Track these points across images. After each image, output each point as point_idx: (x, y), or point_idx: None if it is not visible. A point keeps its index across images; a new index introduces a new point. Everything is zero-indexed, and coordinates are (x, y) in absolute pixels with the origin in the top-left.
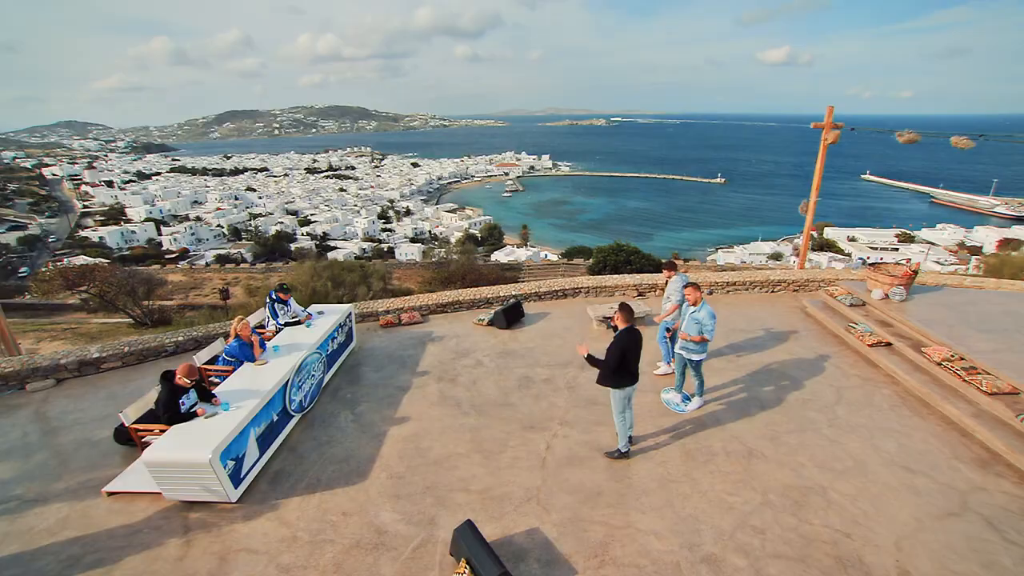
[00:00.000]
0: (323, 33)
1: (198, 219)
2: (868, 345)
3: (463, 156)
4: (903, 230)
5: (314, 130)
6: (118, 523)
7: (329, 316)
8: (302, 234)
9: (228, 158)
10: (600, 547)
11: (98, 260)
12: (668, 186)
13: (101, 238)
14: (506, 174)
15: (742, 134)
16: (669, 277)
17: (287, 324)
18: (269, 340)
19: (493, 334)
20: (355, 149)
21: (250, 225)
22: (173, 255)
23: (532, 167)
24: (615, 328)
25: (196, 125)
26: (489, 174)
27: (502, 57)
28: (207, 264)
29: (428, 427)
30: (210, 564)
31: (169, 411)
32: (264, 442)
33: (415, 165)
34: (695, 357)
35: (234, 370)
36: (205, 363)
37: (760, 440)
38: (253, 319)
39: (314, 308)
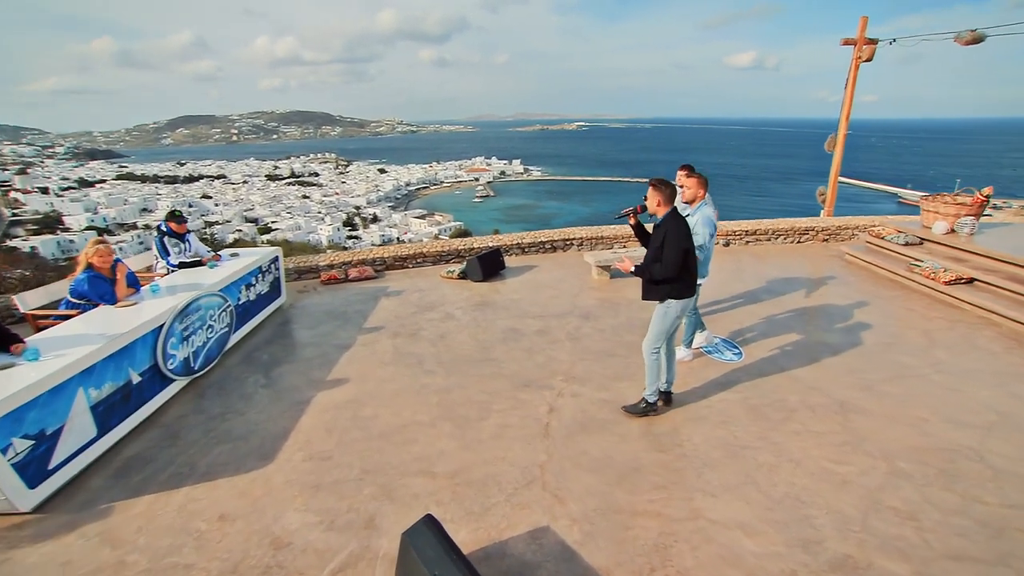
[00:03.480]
0: (282, 36)
1: (147, 227)
2: (945, 283)
3: (432, 162)
4: None
5: (275, 136)
6: None
7: (245, 258)
8: (262, 242)
9: (182, 164)
10: (657, 553)
11: None
12: (641, 189)
13: (33, 248)
14: (476, 179)
15: (712, 137)
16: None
17: (182, 265)
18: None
19: (466, 287)
20: (319, 155)
21: (206, 233)
22: None
23: (503, 172)
24: (634, 226)
25: (147, 130)
26: (459, 179)
27: (469, 61)
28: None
29: (374, 390)
30: None
31: None
32: (111, 414)
33: (382, 171)
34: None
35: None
36: (39, 307)
37: (849, 391)
38: (136, 263)
39: (227, 251)
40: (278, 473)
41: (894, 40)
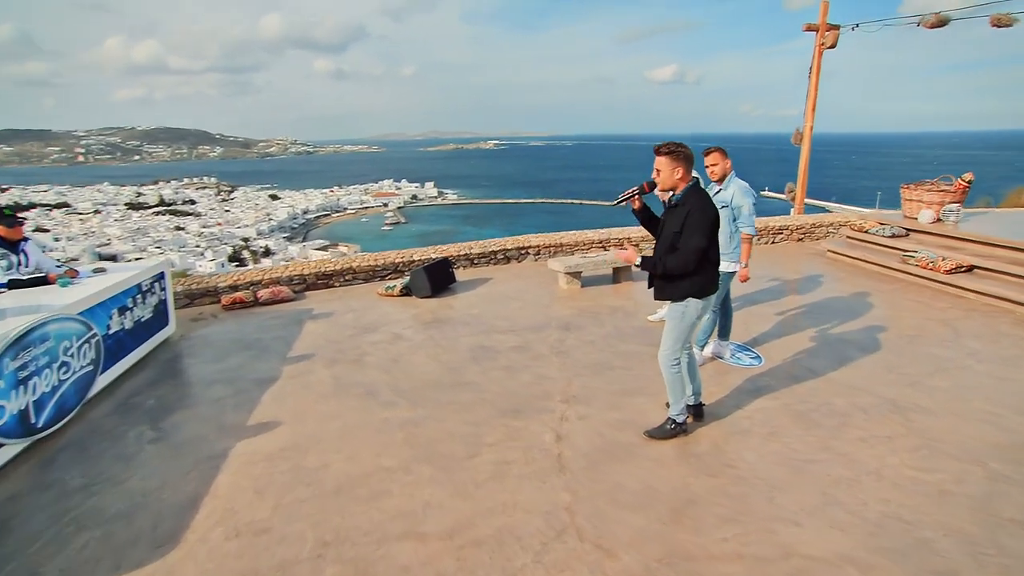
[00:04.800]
0: (141, 38)
1: None
2: (945, 272)
3: (333, 186)
4: None
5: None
6: None
7: (117, 274)
8: None
9: (4, 190)
10: None
11: None
12: (567, 211)
13: None
14: (385, 205)
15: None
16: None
17: (15, 285)
18: None
19: (412, 304)
20: (196, 179)
21: (38, 274)
22: None
23: (415, 196)
24: (639, 212)
25: None
26: (365, 205)
27: (371, 74)
28: None
29: (317, 432)
30: None
31: None
32: None
33: (274, 197)
34: (726, 268)
35: None
36: None
37: (895, 388)
38: None
39: (88, 267)
40: (187, 563)
41: (857, 25)
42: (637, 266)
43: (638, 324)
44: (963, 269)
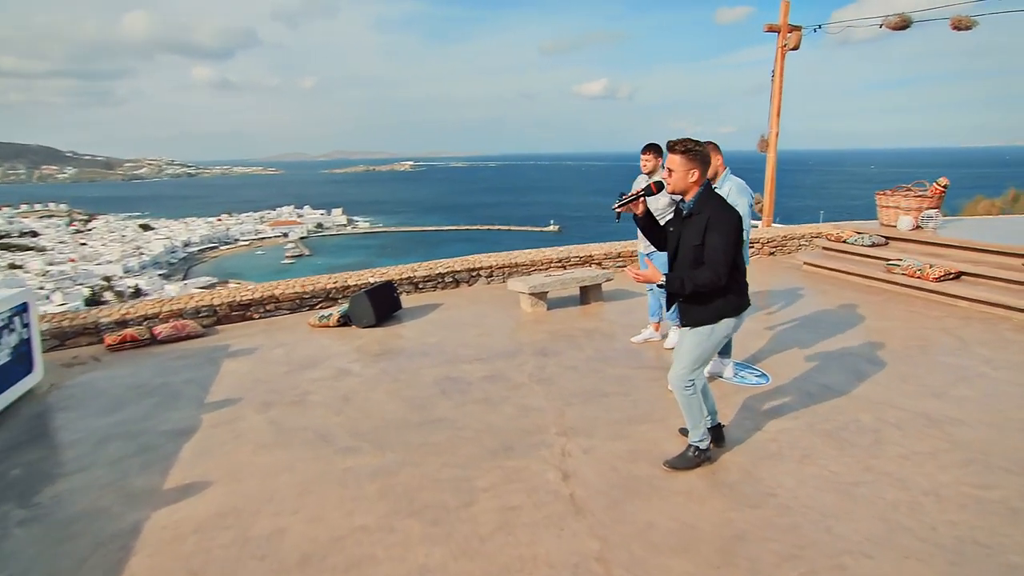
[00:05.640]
0: None
1: None
2: (934, 279)
3: (222, 214)
4: None
5: None
6: None
7: None
8: None
9: None
10: None
11: None
12: (494, 239)
13: None
14: (285, 235)
15: (569, 175)
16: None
17: None
18: None
19: (353, 335)
20: (40, 206)
21: None
22: None
23: (320, 225)
24: (640, 219)
25: None
26: (261, 236)
27: (264, 85)
28: None
29: (262, 490)
30: None
31: None
32: None
33: (146, 227)
34: None
35: None
36: None
37: (921, 400)
38: None
39: None
40: None
41: (820, 26)
42: (660, 286)
43: (621, 346)
44: (951, 276)
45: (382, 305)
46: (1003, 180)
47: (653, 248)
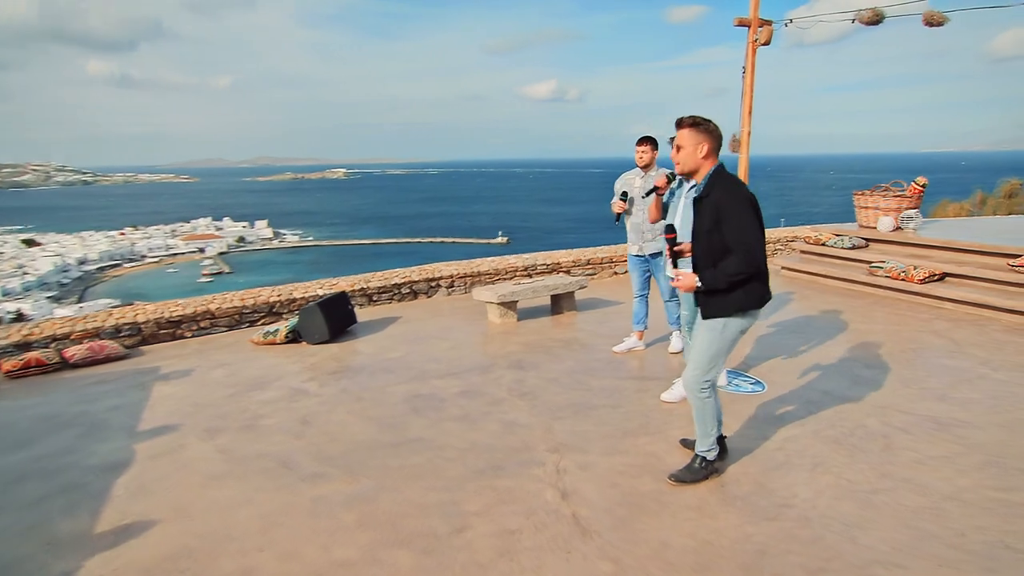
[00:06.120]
0: None
1: None
2: (919, 282)
3: (126, 227)
4: None
5: None
6: None
7: None
8: None
9: None
10: None
11: None
12: (437, 252)
13: None
14: (201, 250)
15: (518, 183)
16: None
17: None
18: None
19: (305, 352)
20: None
21: None
22: None
23: (242, 239)
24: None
25: None
26: (173, 252)
27: (174, 83)
28: None
29: (220, 526)
30: None
31: None
32: None
33: (30, 243)
34: None
35: None
36: None
37: (926, 403)
38: None
39: None
40: None
41: (791, 20)
42: (700, 288)
43: (602, 357)
44: (936, 277)
45: (336, 319)
46: (964, 184)
47: (645, 250)
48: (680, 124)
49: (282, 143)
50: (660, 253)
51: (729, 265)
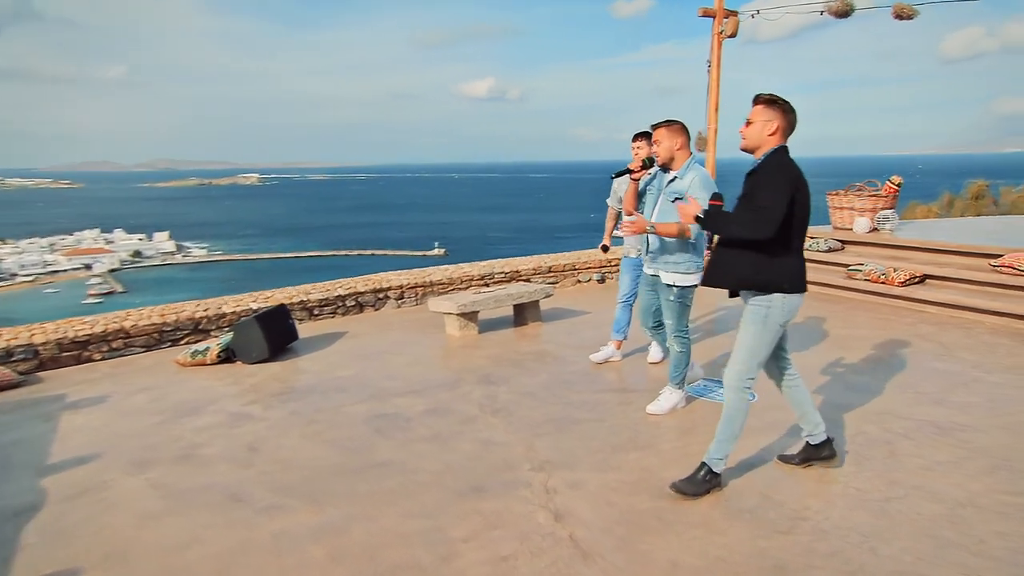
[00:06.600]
0: None
1: None
2: (900, 284)
3: None
4: None
5: None
6: None
7: None
8: None
9: None
10: None
11: None
12: (366, 266)
13: None
14: (87, 267)
15: (455, 189)
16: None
17: None
18: None
19: (241, 372)
20: None
21: None
22: None
23: (138, 253)
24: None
25: None
26: (52, 269)
27: (49, 74)
28: None
29: (165, 572)
30: None
31: None
32: None
33: None
34: (682, 282)
35: None
36: None
37: (923, 407)
38: None
39: None
40: None
41: (758, 12)
42: (699, 218)
43: (579, 368)
44: (916, 280)
45: (276, 335)
46: (925, 188)
47: (638, 252)
48: (757, 100)
49: (186, 145)
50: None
51: (740, 215)
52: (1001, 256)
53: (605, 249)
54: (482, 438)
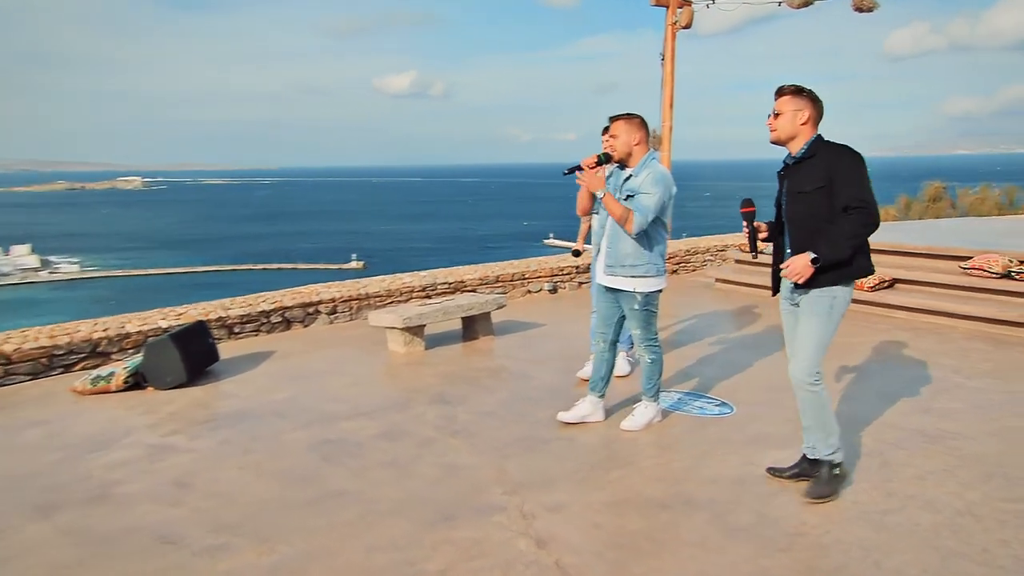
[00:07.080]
0: None
1: None
2: (869, 289)
3: None
4: None
5: None
6: None
7: None
8: None
9: None
10: None
11: None
12: (272, 282)
13: None
14: None
15: (374, 195)
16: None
17: None
18: None
19: (155, 399)
20: None
21: None
22: None
23: None
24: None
25: None
26: None
27: None
28: None
29: None
30: None
31: None
32: None
33: None
34: (644, 287)
35: None
36: None
37: (910, 417)
38: None
39: None
40: None
41: (713, 1)
42: (813, 262)
43: (542, 383)
44: (886, 284)
45: (194, 356)
46: (880, 191)
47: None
48: (781, 91)
49: (53, 144)
50: None
51: (847, 225)
52: (971, 258)
53: (577, 254)
54: (445, 462)
